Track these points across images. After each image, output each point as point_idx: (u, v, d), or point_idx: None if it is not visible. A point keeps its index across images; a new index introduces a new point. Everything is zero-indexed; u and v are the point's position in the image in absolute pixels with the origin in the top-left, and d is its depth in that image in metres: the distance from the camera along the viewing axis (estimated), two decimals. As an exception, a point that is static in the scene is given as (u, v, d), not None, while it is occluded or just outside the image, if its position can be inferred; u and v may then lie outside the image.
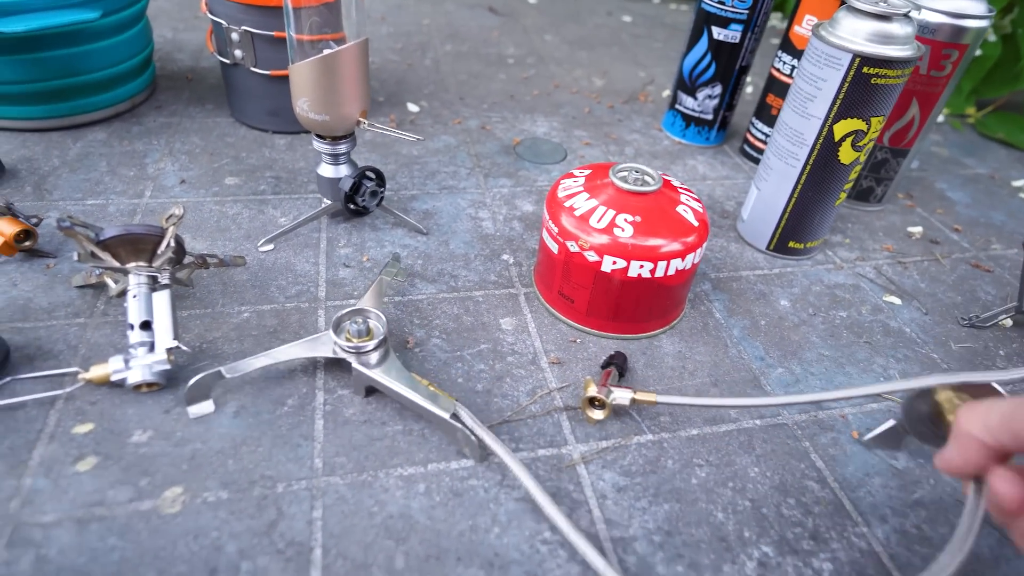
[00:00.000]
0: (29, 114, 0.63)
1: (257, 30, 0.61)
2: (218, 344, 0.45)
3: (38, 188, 0.57)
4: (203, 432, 0.39)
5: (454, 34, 1.04)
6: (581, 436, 0.41)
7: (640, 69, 0.99)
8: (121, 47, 0.65)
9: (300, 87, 0.48)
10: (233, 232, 0.55)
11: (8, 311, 0.45)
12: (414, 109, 0.79)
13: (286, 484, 0.36)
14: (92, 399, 0.40)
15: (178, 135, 0.68)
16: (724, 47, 0.69)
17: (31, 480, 0.35)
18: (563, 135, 0.77)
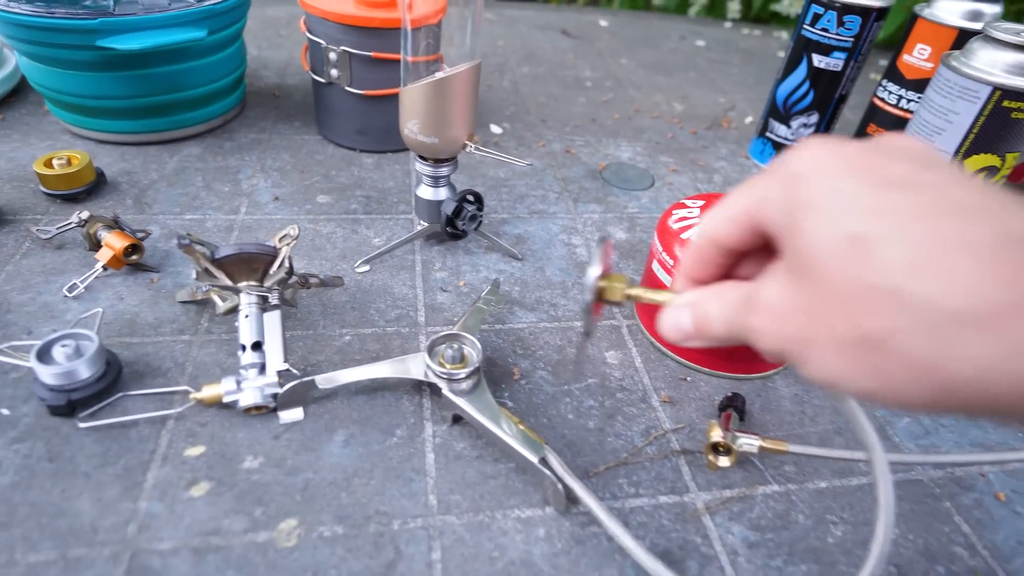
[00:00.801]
0: (130, 128, 0.64)
1: (355, 50, 0.61)
2: (322, 367, 0.44)
3: (138, 201, 0.58)
4: (314, 461, 0.37)
5: (530, 56, 1.04)
6: (703, 483, 0.39)
7: (719, 95, 0.97)
8: (220, 65, 0.65)
9: (410, 109, 0.47)
10: (328, 251, 0.54)
11: (116, 325, 0.45)
12: (497, 131, 0.78)
13: (401, 521, 0.35)
14: (202, 420, 0.39)
15: (269, 151, 0.68)
16: (824, 75, 0.67)
17: (146, 504, 0.34)
18: (648, 160, 0.75)
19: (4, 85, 0.69)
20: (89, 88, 0.60)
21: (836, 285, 0.19)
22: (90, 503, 0.34)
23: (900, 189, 0.19)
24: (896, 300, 0.18)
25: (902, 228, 0.18)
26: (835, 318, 0.19)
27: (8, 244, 0.51)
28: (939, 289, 0.17)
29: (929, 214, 0.18)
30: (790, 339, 0.21)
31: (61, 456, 0.36)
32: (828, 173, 0.20)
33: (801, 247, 0.20)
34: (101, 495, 0.34)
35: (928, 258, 0.17)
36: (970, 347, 0.17)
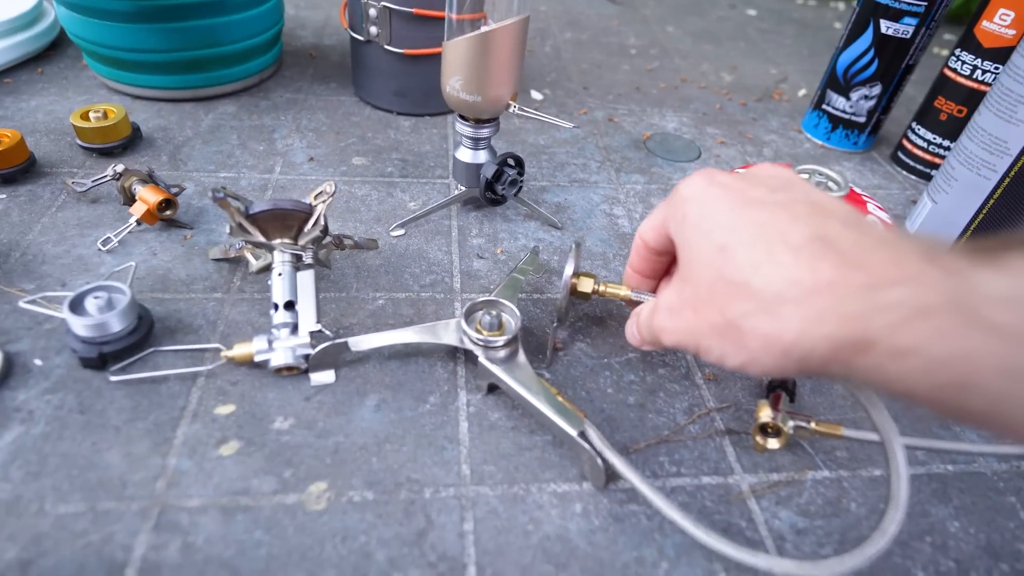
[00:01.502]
0: (167, 83, 0.63)
1: (396, 6, 0.59)
2: (354, 330, 0.42)
3: (173, 157, 0.57)
4: (345, 424, 0.36)
5: (573, 22, 1.00)
6: (748, 465, 0.37)
7: (771, 66, 0.92)
8: (258, 20, 0.64)
9: (453, 65, 0.45)
10: (363, 214, 0.53)
11: (149, 280, 0.44)
12: (538, 97, 0.76)
13: (433, 490, 0.34)
14: (232, 379, 0.38)
15: (304, 112, 0.66)
16: (891, 42, 0.63)
17: (176, 460, 0.34)
18: (695, 132, 0.72)
19: (43, 39, 0.69)
20: (127, 40, 0.59)
21: (710, 285, 0.26)
22: (120, 457, 0.34)
23: (754, 208, 0.26)
24: (746, 290, 0.24)
25: (751, 237, 0.25)
26: (710, 310, 0.26)
27: (44, 196, 0.50)
28: (770, 278, 0.23)
29: (768, 226, 0.25)
30: (683, 332, 0.28)
31: (92, 409, 0.36)
32: (706, 198, 0.28)
33: (687, 258, 0.28)
34: (131, 449, 0.34)
35: (765, 257, 0.24)
36: (790, 319, 0.23)
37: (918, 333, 0.20)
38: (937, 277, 0.20)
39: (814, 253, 0.23)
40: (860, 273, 0.22)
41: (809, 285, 0.22)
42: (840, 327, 0.22)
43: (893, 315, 0.20)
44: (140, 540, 0.30)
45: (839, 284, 0.22)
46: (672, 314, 0.29)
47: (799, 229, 0.24)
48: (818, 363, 0.23)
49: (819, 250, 0.23)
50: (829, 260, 0.22)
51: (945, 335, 0.19)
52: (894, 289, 0.21)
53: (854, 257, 0.22)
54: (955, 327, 0.19)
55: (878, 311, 0.21)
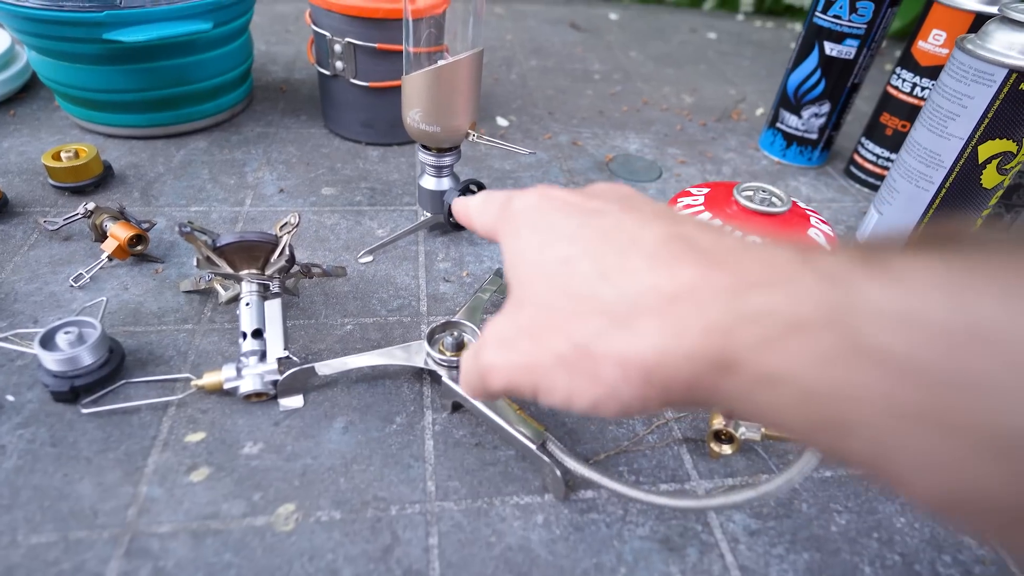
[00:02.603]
0: (138, 122, 0.64)
1: (360, 42, 0.61)
2: (323, 356, 0.44)
3: (145, 194, 0.58)
4: (313, 447, 0.37)
5: (538, 49, 1.04)
6: (705, 471, 0.38)
7: (730, 87, 0.96)
8: (227, 58, 0.66)
9: (412, 97, 0.47)
10: (332, 242, 0.54)
11: (121, 315, 0.45)
12: (503, 123, 0.78)
13: (399, 507, 0.35)
14: (203, 407, 0.39)
15: (275, 144, 0.68)
16: (836, 63, 0.66)
17: (147, 488, 0.35)
18: (656, 152, 0.74)
19: (15, 81, 0.70)
20: (97, 82, 0.60)
21: (550, 304, 0.21)
22: (91, 487, 0.34)
23: (597, 216, 0.22)
24: (594, 304, 0.20)
25: (595, 246, 0.21)
26: (553, 336, 0.21)
27: (16, 236, 0.51)
28: (622, 287, 0.19)
29: (615, 231, 0.21)
30: (519, 367, 0.22)
31: (64, 441, 0.36)
32: (543, 209, 0.24)
33: (522, 276, 0.23)
34: (102, 479, 0.35)
35: (615, 264, 0.20)
36: (649, 334, 0.18)
37: (789, 354, 0.16)
38: (812, 282, 0.16)
39: (672, 253, 0.19)
40: (723, 273, 0.18)
41: (669, 291, 0.18)
42: (702, 341, 0.17)
43: (760, 328, 0.16)
44: (111, 567, 0.31)
45: (701, 287, 0.18)
46: (504, 347, 0.23)
47: (652, 230, 0.20)
48: (682, 389, 0.19)
49: (678, 250, 0.19)
50: (689, 259, 0.19)
51: (820, 360, 0.15)
52: (762, 294, 0.17)
53: (717, 256, 0.19)
54: (833, 350, 0.15)
55: (743, 322, 0.17)
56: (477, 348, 0.25)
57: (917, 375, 0.14)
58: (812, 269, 0.17)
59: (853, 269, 0.16)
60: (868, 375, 0.14)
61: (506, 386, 0.23)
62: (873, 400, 0.14)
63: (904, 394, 0.14)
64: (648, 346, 0.18)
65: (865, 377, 0.14)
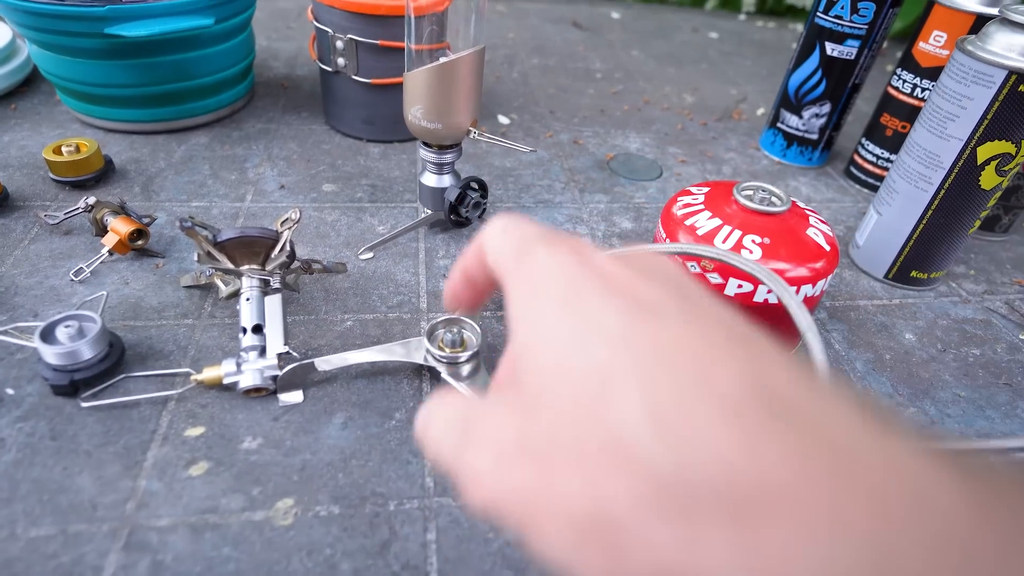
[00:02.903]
0: (139, 117, 0.64)
1: (362, 38, 0.61)
2: (322, 351, 0.44)
3: (146, 189, 0.58)
4: (312, 443, 0.38)
5: (539, 47, 1.04)
6: None
7: (731, 86, 0.96)
8: (228, 53, 0.66)
9: (414, 94, 0.47)
10: (332, 239, 0.55)
11: (121, 309, 0.45)
12: (504, 121, 0.78)
13: (397, 502, 0.35)
14: (203, 401, 0.39)
15: (276, 141, 0.68)
16: (837, 64, 0.66)
17: (146, 482, 0.35)
18: (657, 151, 0.75)
19: (16, 75, 0.70)
20: (98, 76, 0.60)
21: (574, 427, 0.15)
22: (90, 480, 0.34)
23: (645, 317, 0.15)
24: (635, 456, 0.13)
25: (647, 368, 0.14)
26: (568, 477, 0.14)
27: (17, 230, 0.51)
28: (685, 454, 0.13)
29: (675, 351, 0.14)
30: (512, 500, 0.16)
31: (63, 435, 0.36)
32: (574, 281, 0.16)
33: (539, 367, 0.16)
34: (101, 473, 0.35)
35: (675, 406, 0.13)
36: (713, 547, 0.12)
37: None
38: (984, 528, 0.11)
39: (757, 420, 0.13)
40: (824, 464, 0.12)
41: (747, 481, 0.12)
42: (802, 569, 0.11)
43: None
44: (110, 560, 0.31)
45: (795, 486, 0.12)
46: (500, 458, 0.16)
47: (726, 367, 0.14)
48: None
49: (763, 415, 0.13)
50: (781, 440, 0.12)
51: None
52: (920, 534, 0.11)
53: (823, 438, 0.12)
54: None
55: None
56: (464, 436, 0.17)
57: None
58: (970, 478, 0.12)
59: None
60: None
61: (486, 509, 0.16)
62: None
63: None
64: (710, 561, 0.12)
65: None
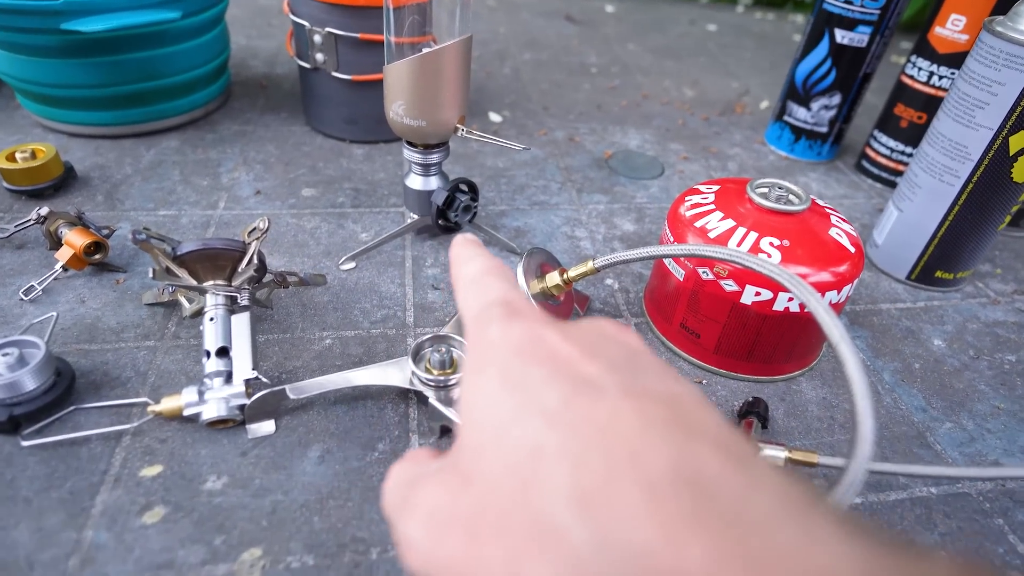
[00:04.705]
0: (104, 120, 0.60)
1: (341, 32, 0.57)
2: (298, 374, 0.40)
3: (110, 197, 0.54)
4: (284, 480, 0.33)
5: (532, 42, 1.00)
6: None
7: (732, 79, 0.92)
8: (199, 51, 0.61)
9: (395, 89, 0.43)
10: (312, 248, 0.50)
11: (75, 331, 0.41)
12: (496, 119, 0.74)
13: (381, 550, 0.31)
14: (162, 435, 0.35)
15: (252, 143, 0.64)
16: (847, 51, 0.62)
17: (93, 533, 0.30)
18: (658, 148, 0.71)
19: (-25, 78, 0.66)
20: (58, 76, 0.56)
21: (503, 509, 0.15)
22: (29, 533, 0.30)
23: (585, 397, 0.15)
24: (560, 540, 0.13)
25: (578, 448, 0.14)
26: (494, 553, 0.15)
27: (-35, 244, 0.47)
28: (603, 537, 0.13)
29: (609, 433, 0.14)
30: (440, 569, 0.16)
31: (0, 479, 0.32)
32: (522, 355, 0.17)
33: (475, 439, 0.16)
34: (42, 524, 0.31)
35: (600, 489, 0.13)
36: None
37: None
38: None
39: (680, 505, 0.13)
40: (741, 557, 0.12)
41: (666, 570, 0.12)
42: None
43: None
44: (45, 630, 0.27)
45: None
46: (433, 528, 0.17)
47: (658, 453, 0.14)
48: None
49: (687, 501, 0.13)
50: (701, 523, 0.12)
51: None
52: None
53: (743, 527, 0.12)
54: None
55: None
56: (405, 502, 0.18)
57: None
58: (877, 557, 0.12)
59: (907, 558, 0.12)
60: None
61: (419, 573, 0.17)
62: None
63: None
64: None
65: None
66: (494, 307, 0.19)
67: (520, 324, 0.18)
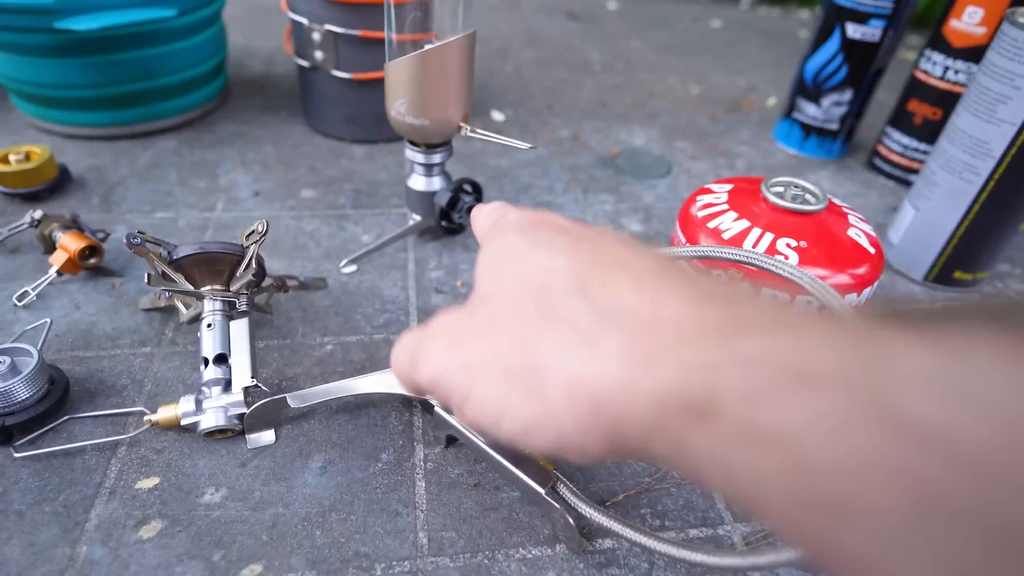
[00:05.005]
0: (100, 120, 0.59)
1: (341, 29, 0.56)
2: (299, 381, 0.38)
3: (105, 199, 0.53)
4: (285, 493, 0.32)
5: (533, 39, 0.98)
6: (740, 513, 0.33)
7: (738, 76, 0.91)
8: (196, 50, 0.60)
9: (397, 87, 0.41)
10: (312, 251, 0.49)
11: (69, 337, 0.40)
12: (499, 118, 0.73)
13: (385, 565, 0.29)
14: (158, 446, 0.34)
15: (251, 144, 0.63)
16: (859, 46, 0.60)
17: (87, 548, 0.29)
18: (664, 147, 0.69)
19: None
20: (52, 76, 0.55)
21: (517, 305, 0.19)
22: (20, 549, 0.29)
23: (588, 240, 0.20)
24: (563, 315, 0.18)
25: (583, 261, 0.19)
26: (505, 338, 0.19)
27: (-43, 248, 0.46)
28: (597, 303, 0.17)
29: (608, 254, 0.19)
30: (457, 363, 0.20)
31: (-9, 492, 0.31)
32: (536, 224, 0.22)
33: (494, 273, 0.21)
34: (34, 539, 0.29)
35: (598, 280, 0.18)
36: (612, 357, 0.16)
37: (789, 410, 0.12)
38: (828, 331, 0.13)
39: (663, 281, 0.17)
40: (718, 310, 0.15)
41: (648, 317, 0.16)
42: (677, 377, 0.14)
43: (755, 373, 0.13)
44: (36, 653, 0.26)
45: (688, 320, 0.15)
46: (450, 339, 0.21)
47: (647, 259, 0.19)
48: (636, 434, 0.15)
49: (671, 279, 0.17)
50: (681, 291, 0.16)
51: (828, 421, 0.12)
52: (764, 335, 0.14)
53: (715, 294, 0.16)
54: (846, 411, 0.12)
55: (734, 363, 0.14)
56: (422, 333, 0.22)
57: (961, 459, 0.10)
58: (829, 318, 0.15)
59: (882, 324, 0.13)
60: (891, 448, 0.11)
61: (434, 380, 0.21)
62: (892, 480, 0.11)
63: (938, 479, 0.10)
64: (607, 371, 0.16)
65: (887, 449, 0.11)
66: (510, 211, 0.24)
67: (532, 211, 0.24)
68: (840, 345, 0.13)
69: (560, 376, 0.17)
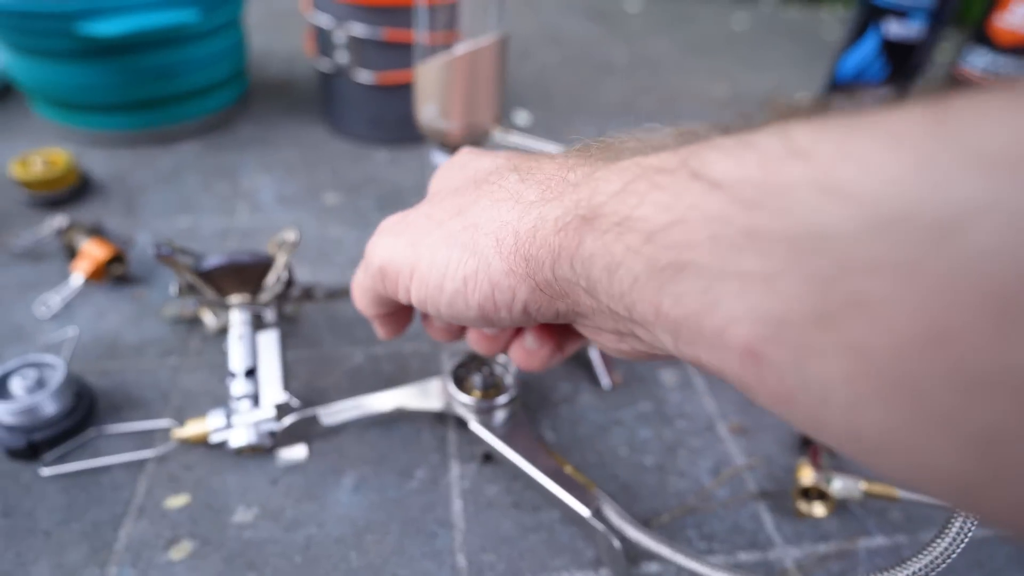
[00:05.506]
0: (121, 124, 0.58)
1: (364, 31, 0.55)
2: (329, 394, 0.37)
3: (127, 205, 0.52)
4: (318, 512, 0.31)
5: (555, 39, 0.97)
6: (791, 535, 0.32)
7: (766, 75, 0.89)
8: (218, 54, 0.59)
9: (428, 91, 0.40)
10: (337, 258, 0.48)
11: (95, 349, 0.39)
12: (523, 120, 0.71)
13: (423, 590, 0.28)
14: (187, 462, 0.33)
15: (272, 148, 0.62)
16: (899, 45, 0.59)
17: (116, 570, 0.28)
18: (692, 148, 0.68)
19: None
20: (73, 80, 0.54)
21: (458, 188, 0.23)
22: (48, 570, 0.28)
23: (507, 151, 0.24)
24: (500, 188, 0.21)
25: (506, 156, 0.24)
26: (449, 214, 0.22)
27: (-19, 256, 0.45)
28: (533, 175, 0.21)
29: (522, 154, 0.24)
30: (405, 242, 0.22)
31: (18, 510, 0.30)
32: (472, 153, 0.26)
33: (443, 173, 0.26)
34: (62, 559, 0.29)
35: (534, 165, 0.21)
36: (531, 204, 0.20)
37: (641, 196, 0.16)
38: (675, 142, 0.17)
39: (580, 162, 0.20)
40: (591, 166, 0.19)
41: (561, 177, 0.20)
42: (573, 199, 0.18)
43: (620, 178, 0.17)
44: None
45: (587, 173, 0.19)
46: (400, 227, 0.23)
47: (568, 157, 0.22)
48: (549, 261, 0.19)
49: (584, 161, 0.20)
50: (590, 164, 0.19)
51: (662, 193, 0.15)
52: (623, 163, 0.17)
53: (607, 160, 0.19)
54: (674, 183, 0.15)
55: (610, 175, 0.17)
56: (375, 235, 0.25)
57: (740, 195, 0.13)
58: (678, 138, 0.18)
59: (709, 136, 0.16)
60: (702, 199, 0.14)
61: (384, 264, 0.23)
62: (701, 222, 0.14)
63: (729, 213, 0.13)
64: (526, 216, 0.19)
65: (699, 201, 0.14)
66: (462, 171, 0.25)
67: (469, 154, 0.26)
68: (681, 152, 0.16)
69: (491, 225, 0.20)
